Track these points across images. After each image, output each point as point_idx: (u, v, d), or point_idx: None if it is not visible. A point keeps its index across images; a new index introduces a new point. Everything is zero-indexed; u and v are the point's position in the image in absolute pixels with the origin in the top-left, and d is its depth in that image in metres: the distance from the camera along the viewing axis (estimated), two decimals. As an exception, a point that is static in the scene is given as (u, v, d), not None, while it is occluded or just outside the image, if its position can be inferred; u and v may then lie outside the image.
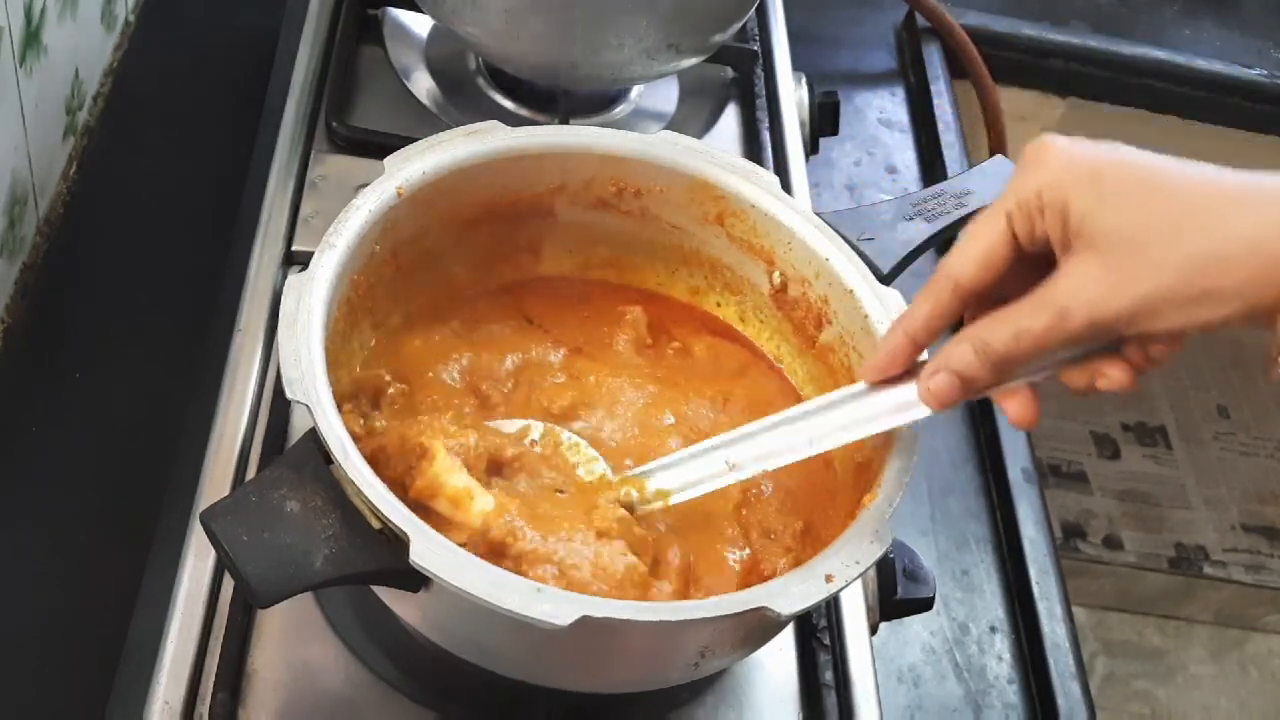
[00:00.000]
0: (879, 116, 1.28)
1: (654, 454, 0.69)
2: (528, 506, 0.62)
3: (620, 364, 0.75)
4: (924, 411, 0.61)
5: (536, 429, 0.69)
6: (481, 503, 0.61)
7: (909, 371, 0.62)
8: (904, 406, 0.62)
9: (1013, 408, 0.59)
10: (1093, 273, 0.53)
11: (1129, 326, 0.53)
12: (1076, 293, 0.54)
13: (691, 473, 0.66)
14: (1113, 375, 0.56)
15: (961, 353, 0.57)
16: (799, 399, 0.76)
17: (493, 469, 0.65)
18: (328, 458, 0.57)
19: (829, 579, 0.57)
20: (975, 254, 0.58)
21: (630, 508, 0.65)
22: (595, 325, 0.77)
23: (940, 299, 0.59)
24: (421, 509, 0.60)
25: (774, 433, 0.65)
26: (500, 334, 0.75)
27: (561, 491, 0.66)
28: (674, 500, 0.66)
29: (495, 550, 0.59)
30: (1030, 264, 0.57)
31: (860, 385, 0.64)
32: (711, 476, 0.66)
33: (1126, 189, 0.53)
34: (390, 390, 0.68)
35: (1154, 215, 0.53)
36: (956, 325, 0.60)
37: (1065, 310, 0.54)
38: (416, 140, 0.71)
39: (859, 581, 0.75)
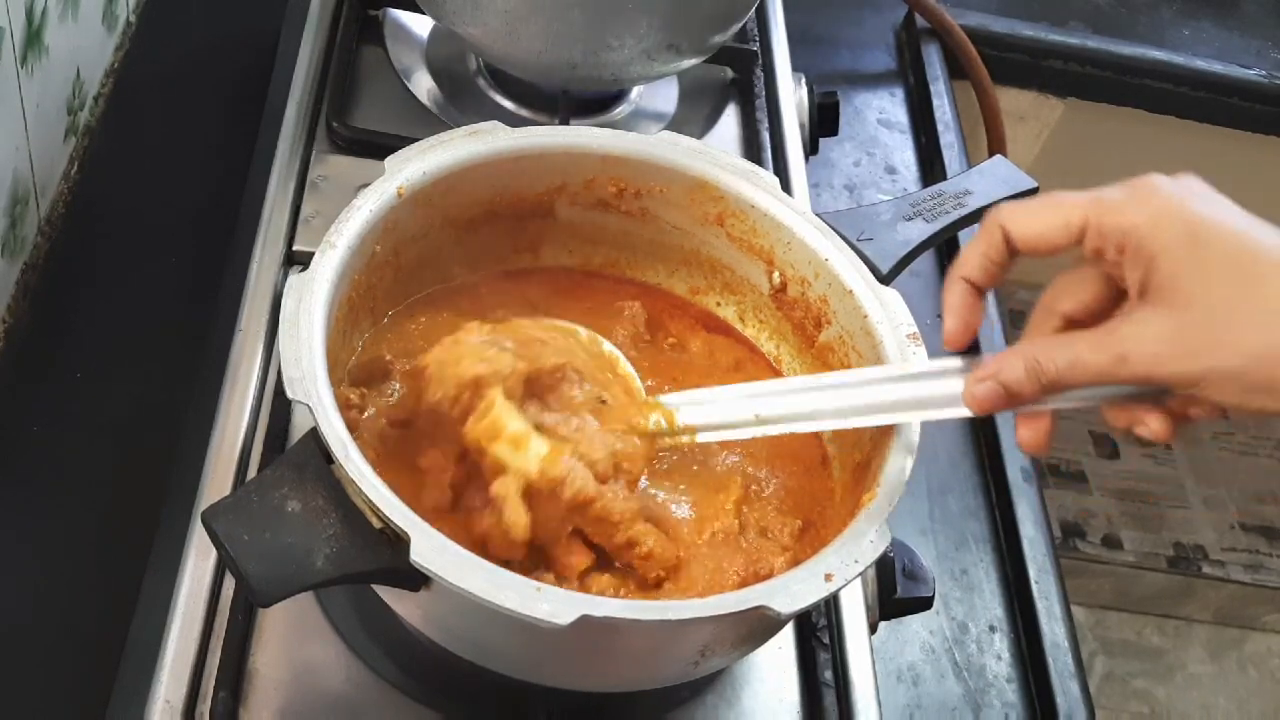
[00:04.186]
0: (879, 117, 1.28)
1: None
2: (576, 443, 0.63)
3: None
4: (963, 411, 0.60)
5: (582, 331, 0.69)
6: (536, 447, 0.61)
7: (958, 368, 0.62)
8: (945, 401, 0.62)
9: (1027, 432, 0.59)
10: (1165, 331, 0.53)
11: (1184, 389, 0.54)
12: (1143, 343, 0.54)
13: (719, 414, 0.67)
14: (1152, 425, 0.57)
15: (1013, 366, 0.57)
16: None
17: (532, 389, 0.65)
18: (329, 457, 0.57)
19: (828, 578, 0.57)
20: (1036, 225, 0.57)
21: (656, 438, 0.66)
22: (595, 317, 0.77)
23: (992, 240, 0.59)
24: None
25: (806, 395, 0.66)
26: (505, 318, 0.75)
27: (604, 401, 0.67)
28: (700, 438, 0.67)
29: (548, 493, 0.60)
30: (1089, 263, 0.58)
31: (899, 368, 0.64)
32: (738, 424, 0.66)
33: (1220, 259, 0.53)
34: (397, 367, 0.69)
35: (1242, 296, 0.52)
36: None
37: (1125, 356, 0.54)
38: (417, 141, 0.71)
39: (858, 580, 0.75)
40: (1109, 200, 0.56)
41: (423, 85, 1.00)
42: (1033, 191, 0.80)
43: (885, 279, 0.73)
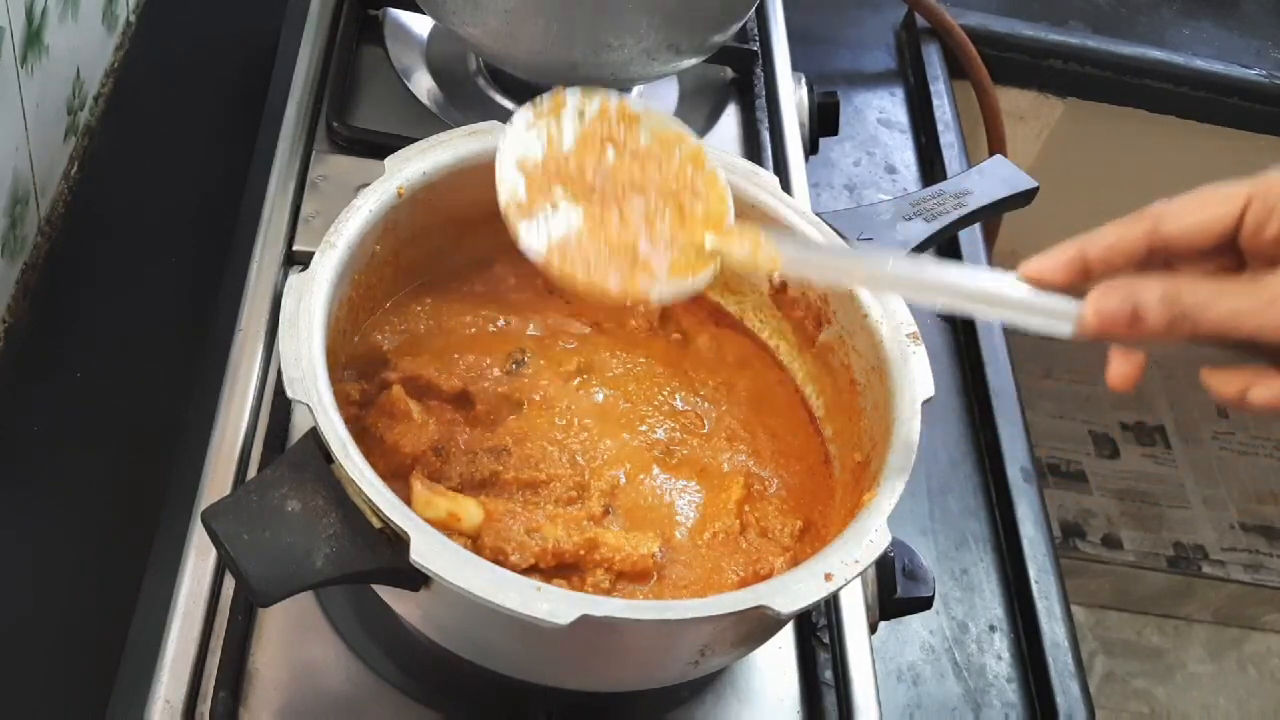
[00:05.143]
0: (879, 116, 1.28)
1: (653, 418, 0.71)
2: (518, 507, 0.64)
3: (633, 343, 0.76)
4: (1066, 327, 0.56)
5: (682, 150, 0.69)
6: (471, 517, 0.62)
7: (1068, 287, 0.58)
8: (1051, 312, 0.57)
9: (1119, 368, 0.56)
10: None
11: None
12: None
13: (816, 256, 0.68)
14: (1274, 387, 0.53)
15: (1148, 290, 0.53)
16: (800, 394, 0.76)
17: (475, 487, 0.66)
18: (328, 457, 0.57)
19: (828, 578, 0.57)
20: (1194, 216, 0.55)
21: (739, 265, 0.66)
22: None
23: (1132, 233, 0.55)
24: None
25: (907, 264, 0.63)
26: (521, 299, 0.76)
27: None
28: (783, 265, 0.65)
29: (496, 559, 0.60)
30: (1232, 254, 0.55)
31: (1012, 275, 0.60)
32: (833, 269, 0.67)
33: None
34: (393, 358, 0.70)
35: None
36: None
37: (1275, 299, 0.51)
38: (417, 140, 0.71)
39: (858, 580, 0.75)
40: (1275, 175, 0.53)
41: (423, 85, 1.00)
42: (1033, 191, 0.80)
43: (885, 279, 0.73)
